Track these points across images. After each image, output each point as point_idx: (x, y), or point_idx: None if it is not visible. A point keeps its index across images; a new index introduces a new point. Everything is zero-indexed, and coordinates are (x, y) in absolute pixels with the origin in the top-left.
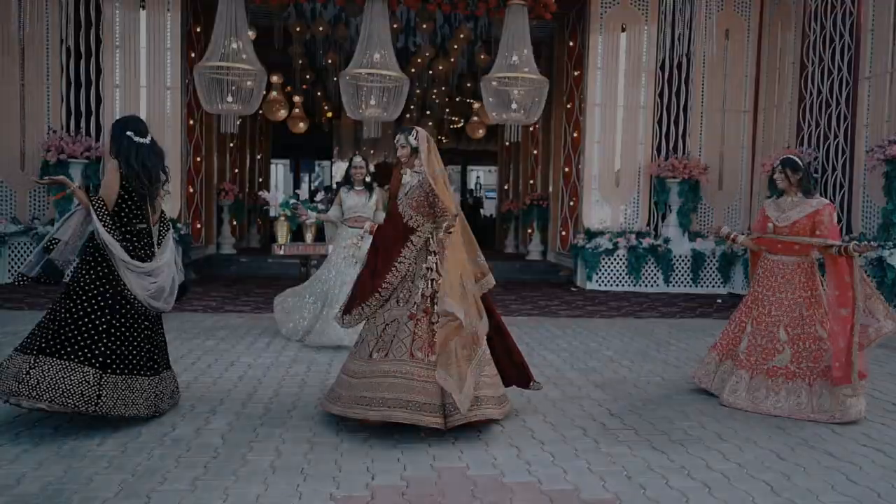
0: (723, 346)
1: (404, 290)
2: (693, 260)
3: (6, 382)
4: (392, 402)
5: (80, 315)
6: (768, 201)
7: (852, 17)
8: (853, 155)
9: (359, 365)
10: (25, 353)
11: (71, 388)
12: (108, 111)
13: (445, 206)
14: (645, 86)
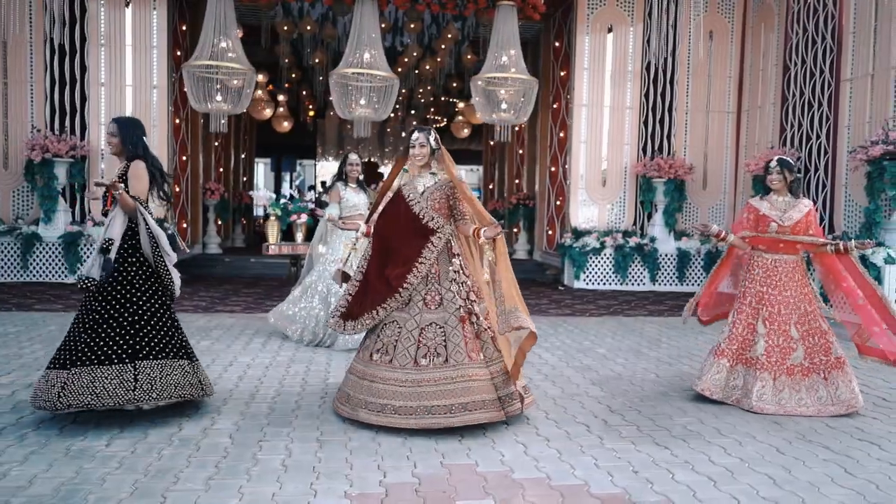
0: (731, 350)
1: (431, 292)
2: (679, 259)
3: (115, 395)
4: (457, 406)
5: (154, 312)
6: (757, 201)
7: (834, 19)
8: (835, 155)
9: (403, 373)
10: (117, 362)
11: (183, 381)
12: (93, 110)
13: (484, 213)
14: (631, 86)
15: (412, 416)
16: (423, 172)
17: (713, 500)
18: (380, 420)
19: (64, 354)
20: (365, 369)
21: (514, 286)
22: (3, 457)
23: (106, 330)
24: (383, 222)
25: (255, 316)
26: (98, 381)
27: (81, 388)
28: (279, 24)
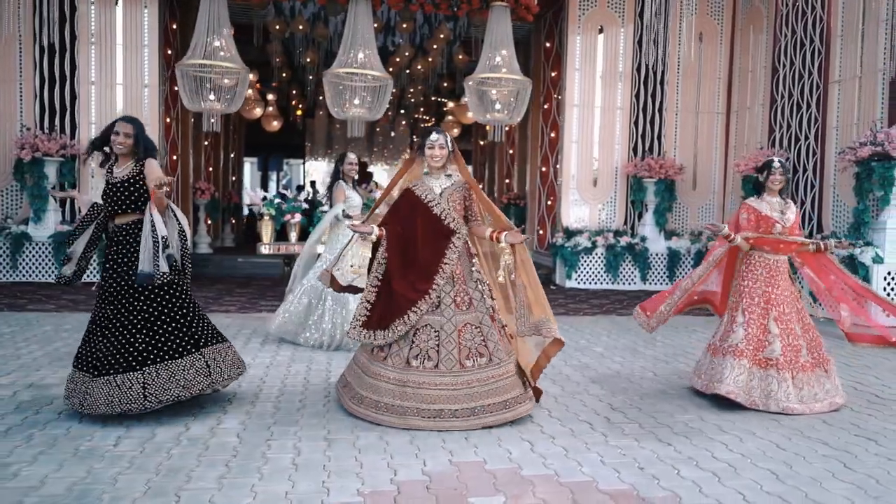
0: (750, 351)
1: (459, 293)
2: (669, 258)
3: (197, 383)
4: (510, 401)
5: (189, 306)
6: (756, 202)
7: (822, 22)
8: (823, 156)
9: (452, 377)
10: (187, 354)
11: (236, 359)
12: (83, 108)
13: (501, 216)
14: (622, 87)
15: (472, 416)
16: (438, 173)
17: (719, 496)
18: (438, 425)
19: (125, 356)
20: (406, 377)
21: (542, 294)
22: (11, 457)
23: (167, 325)
24: (401, 224)
25: (252, 316)
26: (179, 374)
27: (165, 383)
28: (271, 23)
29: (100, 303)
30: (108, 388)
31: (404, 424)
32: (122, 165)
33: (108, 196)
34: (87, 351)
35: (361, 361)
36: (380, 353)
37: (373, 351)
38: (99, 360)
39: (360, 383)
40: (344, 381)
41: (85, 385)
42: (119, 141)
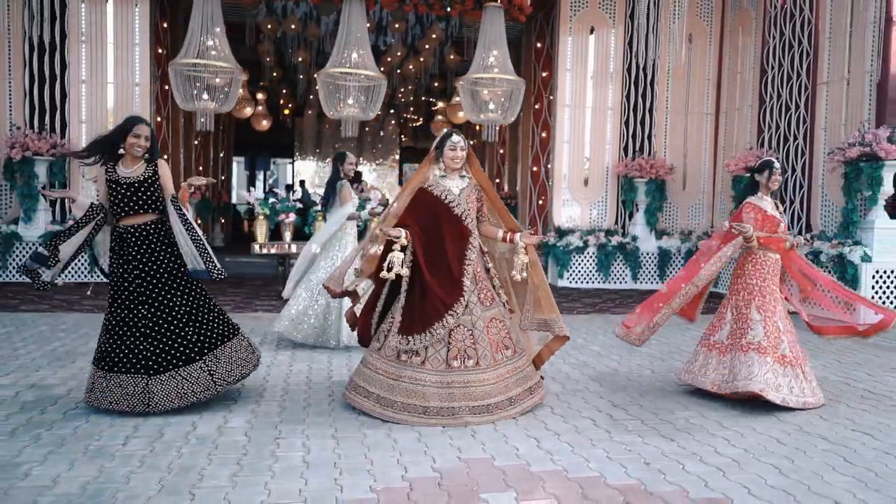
0: (771, 348)
1: (482, 290)
2: (660, 257)
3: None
4: (534, 387)
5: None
6: (759, 200)
7: (810, 24)
8: (812, 156)
9: (492, 372)
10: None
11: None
12: (73, 107)
13: (510, 216)
14: (612, 88)
15: (510, 406)
16: (454, 174)
17: (725, 489)
18: (490, 419)
19: (183, 350)
20: (448, 378)
21: (550, 293)
22: (20, 457)
23: (210, 314)
24: (419, 225)
25: (247, 315)
26: (235, 356)
27: (228, 366)
28: (263, 22)
29: (129, 304)
30: (176, 382)
31: (458, 422)
32: (130, 166)
33: (123, 197)
34: (129, 353)
35: (382, 368)
36: (414, 357)
37: (399, 356)
38: (152, 359)
39: (391, 390)
40: (363, 390)
41: (142, 385)
42: (140, 144)
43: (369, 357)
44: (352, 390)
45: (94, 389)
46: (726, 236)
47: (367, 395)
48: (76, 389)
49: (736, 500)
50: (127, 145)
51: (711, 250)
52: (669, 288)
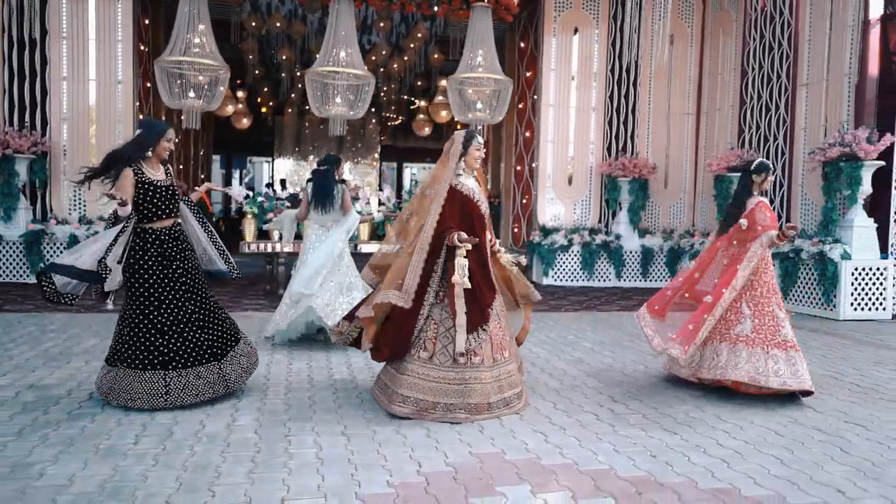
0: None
1: None
2: (643, 255)
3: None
4: (517, 395)
5: None
6: (765, 199)
7: (790, 27)
8: (792, 156)
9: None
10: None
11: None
12: (54, 104)
13: None
14: (596, 88)
15: (505, 407)
16: (469, 174)
17: (731, 480)
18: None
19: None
20: (498, 371)
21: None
22: (31, 457)
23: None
24: (466, 226)
25: (239, 315)
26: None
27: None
28: (247, 19)
29: (178, 302)
30: (234, 365)
31: (493, 416)
32: (157, 170)
33: (160, 200)
34: (196, 345)
35: (441, 376)
36: (473, 356)
37: (455, 360)
38: (216, 344)
39: (461, 395)
40: (424, 402)
41: (217, 370)
42: (171, 148)
43: (414, 366)
44: (399, 403)
45: (171, 392)
46: (745, 235)
47: (432, 406)
48: (76, 390)
49: (743, 489)
50: (160, 149)
51: (717, 249)
52: (714, 296)
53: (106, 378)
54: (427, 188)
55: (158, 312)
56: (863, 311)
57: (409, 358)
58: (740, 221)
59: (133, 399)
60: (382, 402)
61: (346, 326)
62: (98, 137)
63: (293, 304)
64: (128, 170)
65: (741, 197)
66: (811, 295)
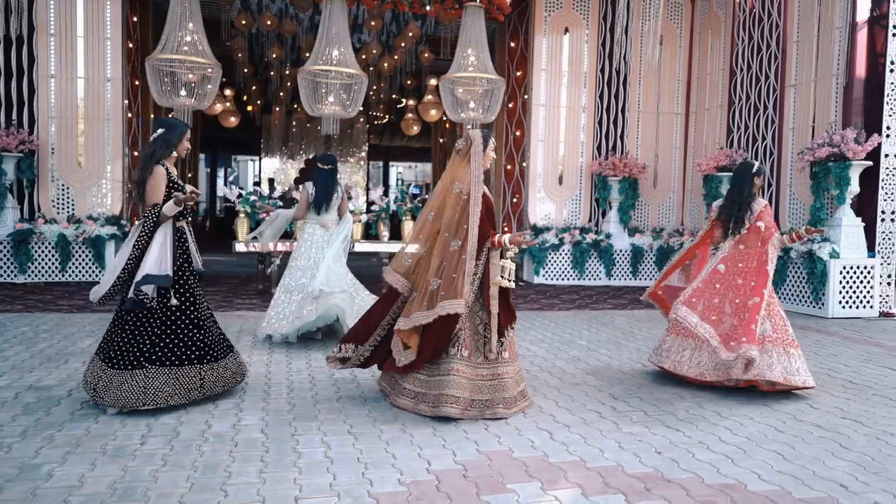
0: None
1: None
2: (633, 254)
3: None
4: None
5: None
6: None
7: (779, 28)
8: (780, 156)
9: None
10: None
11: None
12: (42, 102)
13: None
14: (586, 88)
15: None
16: None
17: (736, 475)
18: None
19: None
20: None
21: None
22: (38, 458)
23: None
24: (492, 225)
25: (233, 314)
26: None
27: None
28: (237, 17)
29: (195, 298)
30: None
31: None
32: (173, 170)
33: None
34: (207, 341)
35: (480, 373)
36: (503, 352)
37: (486, 357)
38: (224, 341)
39: (493, 390)
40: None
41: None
42: (189, 147)
43: (459, 365)
44: (452, 404)
45: (204, 386)
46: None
47: (475, 403)
48: (76, 390)
49: (749, 484)
50: (181, 148)
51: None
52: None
53: (130, 385)
54: (453, 185)
55: (195, 308)
56: (851, 308)
57: (448, 358)
58: (758, 224)
59: (171, 396)
60: (422, 410)
61: (351, 350)
62: (87, 135)
63: (310, 300)
64: (161, 168)
65: (747, 199)
66: (800, 293)
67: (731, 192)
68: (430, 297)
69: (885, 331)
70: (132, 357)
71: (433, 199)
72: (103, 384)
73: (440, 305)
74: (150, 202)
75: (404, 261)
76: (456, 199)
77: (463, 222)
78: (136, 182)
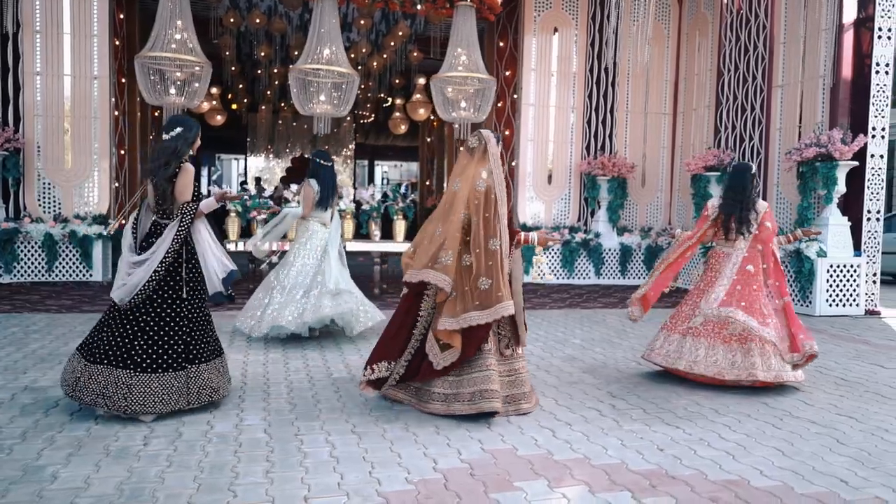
0: None
1: None
2: (621, 253)
3: None
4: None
5: None
6: None
7: (766, 30)
8: (767, 156)
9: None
10: None
11: None
12: (28, 100)
13: None
14: (575, 87)
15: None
16: None
17: (739, 471)
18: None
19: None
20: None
21: None
22: (41, 460)
23: None
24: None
25: (226, 314)
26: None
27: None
28: (225, 16)
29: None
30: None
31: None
32: None
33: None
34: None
35: (501, 368)
36: (518, 348)
37: (502, 353)
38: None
39: (512, 385)
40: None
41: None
42: (199, 145)
43: (492, 360)
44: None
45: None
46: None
47: (503, 399)
48: None
49: (752, 480)
50: (195, 146)
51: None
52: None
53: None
54: (476, 183)
55: (204, 305)
56: (838, 307)
57: (482, 354)
58: (766, 224)
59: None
60: (457, 410)
61: (385, 369)
62: (73, 134)
63: (328, 297)
64: (191, 166)
65: (753, 198)
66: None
67: (731, 192)
68: (482, 296)
69: (872, 328)
70: (148, 362)
71: (457, 197)
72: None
73: (502, 305)
74: (183, 198)
75: (444, 259)
76: (485, 196)
77: (495, 221)
78: (163, 179)
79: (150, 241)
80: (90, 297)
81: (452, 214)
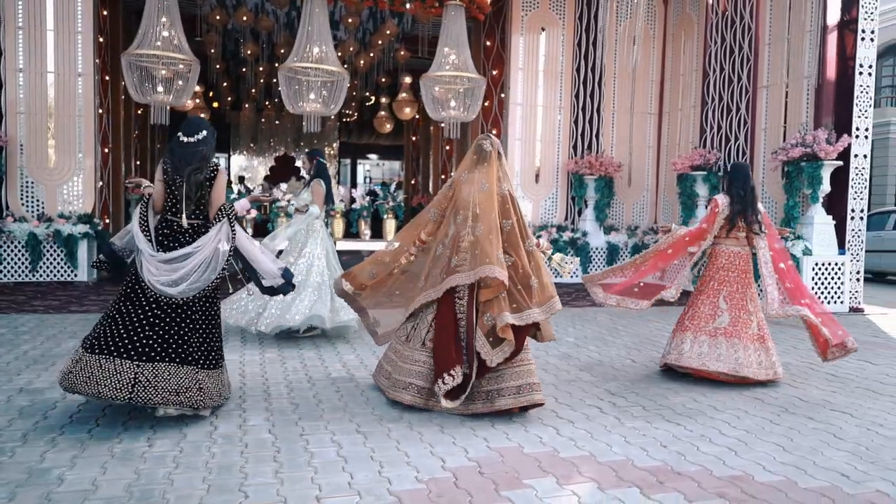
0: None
1: None
2: (608, 252)
3: None
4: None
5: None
6: None
7: (751, 31)
8: (753, 156)
9: None
10: None
11: None
12: (10, 97)
13: None
14: (562, 87)
15: None
16: None
17: (742, 467)
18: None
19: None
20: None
21: None
22: (45, 462)
23: None
24: None
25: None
26: None
27: None
28: (212, 13)
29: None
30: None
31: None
32: None
33: None
34: None
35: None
36: None
37: None
38: None
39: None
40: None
41: None
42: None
43: (525, 354)
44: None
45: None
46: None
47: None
48: None
49: (755, 475)
50: None
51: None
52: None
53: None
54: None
55: None
56: (823, 304)
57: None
58: (768, 222)
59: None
60: (503, 406)
61: (461, 374)
62: (57, 131)
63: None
64: (224, 171)
65: (754, 197)
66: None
67: (741, 192)
68: (536, 294)
69: (856, 325)
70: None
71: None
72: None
73: (555, 300)
74: (220, 201)
75: (504, 259)
76: (512, 199)
77: (524, 223)
78: (196, 183)
79: (171, 240)
80: (77, 298)
81: (490, 213)
